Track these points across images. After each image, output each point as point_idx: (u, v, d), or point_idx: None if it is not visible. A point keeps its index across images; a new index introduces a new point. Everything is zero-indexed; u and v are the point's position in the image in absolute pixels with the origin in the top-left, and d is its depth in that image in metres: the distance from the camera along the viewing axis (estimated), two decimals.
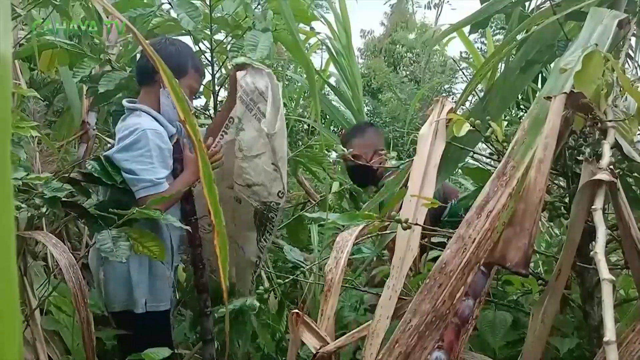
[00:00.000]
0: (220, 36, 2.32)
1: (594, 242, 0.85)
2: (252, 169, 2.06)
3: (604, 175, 0.89)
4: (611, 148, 1.00)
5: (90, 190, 1.97)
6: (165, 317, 2.08)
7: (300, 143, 3.93)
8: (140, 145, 1.89)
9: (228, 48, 2.28)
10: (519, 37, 1.56)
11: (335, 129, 5.32)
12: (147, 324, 1.98)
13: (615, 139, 1.02)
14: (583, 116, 1.02)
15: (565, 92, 0.97)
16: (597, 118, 1.00)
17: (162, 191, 1.87)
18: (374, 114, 8.71)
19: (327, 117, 4.91)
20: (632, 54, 1.67)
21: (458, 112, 1.43)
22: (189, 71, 2.08)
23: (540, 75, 3.01)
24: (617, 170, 1.07)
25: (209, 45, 2.31)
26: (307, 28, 3.17)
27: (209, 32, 2.22)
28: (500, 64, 1.76)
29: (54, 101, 3.29)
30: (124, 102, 2.09)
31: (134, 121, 2.00)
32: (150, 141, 1.91)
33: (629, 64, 1.63)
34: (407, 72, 11.09)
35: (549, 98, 0.99)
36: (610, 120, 0.99)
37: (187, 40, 2.25)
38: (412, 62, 11.34)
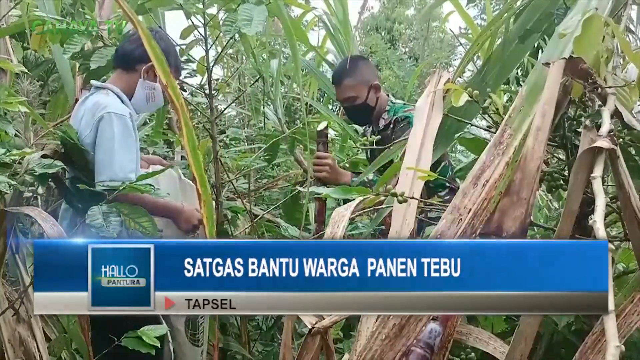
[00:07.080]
0: (212, 10, 2.27)
1: (592, 215, 0.83)
2: None
3: (603, 143, 0.86)
4: (611, 117, 0.97)
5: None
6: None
7: (299, 121, 3.89)
8: (107, 133, 1.83)
9: (221, 23, 2.23)
10: (517, 6, 1.53)
11: (334, 107, 5.28)
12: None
13: (615, 106, 0.99)
14: (582, 83, 0.99)
15: (564, 58, 0.94)
16: (597, 84, 0.97)
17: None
18: None
19: (326, 94, 4.87)
20: (633, 27, 1.63)
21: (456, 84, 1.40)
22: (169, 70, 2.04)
23: (540, 50, 2.97)
24: (617, 139, 1.04)
25: (202, 20, 2.26)
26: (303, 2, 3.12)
27: (201, 6, 2.16)
28: (498, 35, 1.72)
29: (48, 81, 3.24)
30: (92, 82, 2.03)
31: (101, 100, 1.93)
32: (116, 127, 1.84)
33: (629, 38, 1.59)
34: (407, 49, 11.00)
35: (547, 64, 0.96)
36: (610, 87, 0.96)
37: (179, 15, 2.20)
38: (411, 38, 11.25)
